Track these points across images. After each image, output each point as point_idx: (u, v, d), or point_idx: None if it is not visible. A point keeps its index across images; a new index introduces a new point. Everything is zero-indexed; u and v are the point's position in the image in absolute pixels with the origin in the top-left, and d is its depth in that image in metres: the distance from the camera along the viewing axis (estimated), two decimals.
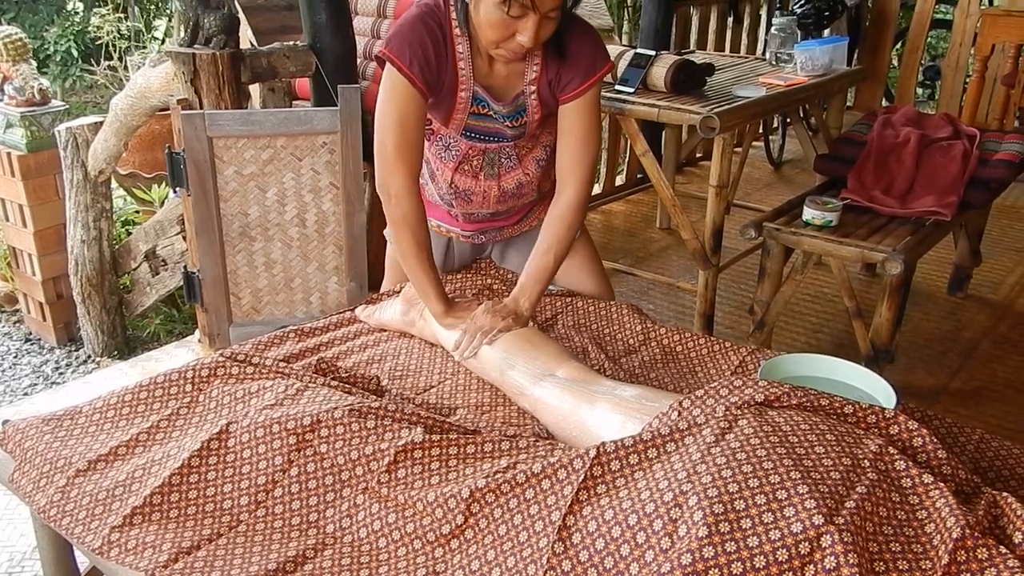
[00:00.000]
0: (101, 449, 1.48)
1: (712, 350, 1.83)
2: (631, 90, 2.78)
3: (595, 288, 2.11)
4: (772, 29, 3.40)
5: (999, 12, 4.81)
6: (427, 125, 1.82)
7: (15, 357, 3.30)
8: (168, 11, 6.05)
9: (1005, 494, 1.12)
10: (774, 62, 3.33)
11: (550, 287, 2.04)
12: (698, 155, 4.90)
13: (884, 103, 5.88)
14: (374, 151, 1.70)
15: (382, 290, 2.17)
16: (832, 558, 0.98)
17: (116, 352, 3.24)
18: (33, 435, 1.54)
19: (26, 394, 3.03)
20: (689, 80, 2.81)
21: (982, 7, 5.30)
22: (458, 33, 1.65)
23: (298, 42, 2.70)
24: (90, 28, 5.29)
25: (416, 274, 1.76)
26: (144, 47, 5.21)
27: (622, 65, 2.85)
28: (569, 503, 1.16)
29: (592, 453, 1.20)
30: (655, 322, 1.96)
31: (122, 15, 4.98)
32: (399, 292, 2.00)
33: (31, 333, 3.46)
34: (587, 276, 2.10)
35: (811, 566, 0.99)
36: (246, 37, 3.11)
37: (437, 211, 2.04)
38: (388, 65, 1.65)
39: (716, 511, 1.03)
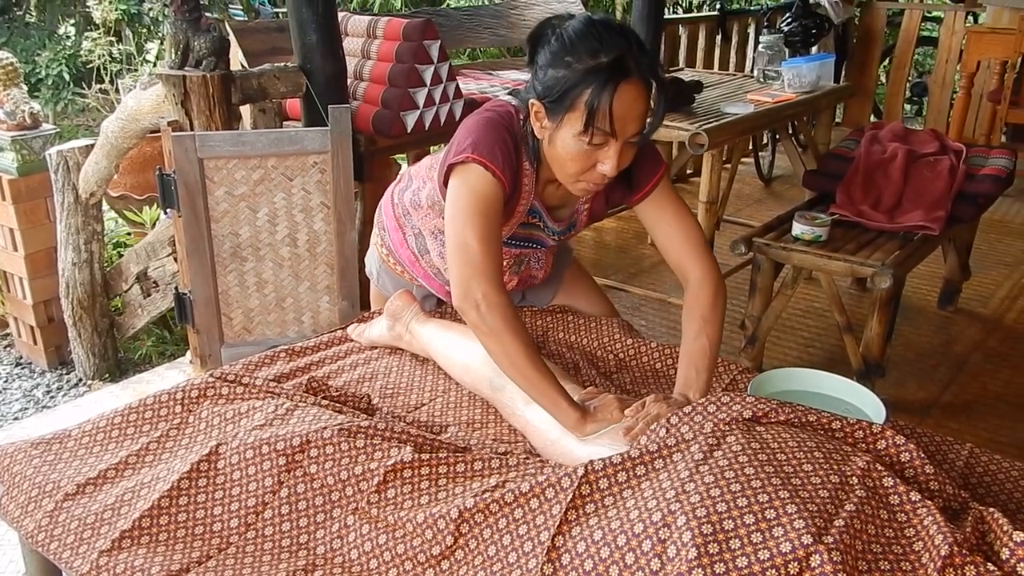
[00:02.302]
0: (90, 472, 1.48)
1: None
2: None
3: (597, 309, 2.09)
4: (760, 47, 3.43)
5: (984, 29, 4.87)
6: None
7: (5, 381, 3.28)
8: (160, 34, 6.08)
9: (992, 510, 1.13)
10: (762, 79, 3.36)
11: (543, 305, 2.06)
12: (688, 171, 4.92)
13: (872, 119, 5.93)
14: (454, 258, 1.49)
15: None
16: None
17: (108, 375, 3.23)
18: (22, 460, 1.53)
19: (16, 418, 3.01)
20: (678, 97, 2.84)
21: (967, 24, 5.36)
22: (527, 166, 1.58)
23: (289, 63, 2.71)
24: (82, 52, 5.31)
25: (537, 384, 1.46)
26: (135, 70, 5.23)
27: None
28: (558, 523, 1.15)
29: (580, 472, 1.20)
30: (645, 338, 1.96)
31: (114, 39, 4.99)
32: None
33: (22, 357, 3.44)
34: (585, 300, 2.08)
35: None
36: (237, 59, 3.12)
37: (432, 283, 1.95)
38: (471, 166, 1.50)
39: (704, 531, 1.03)
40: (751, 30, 5.19)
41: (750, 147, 4.97)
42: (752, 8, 5.66)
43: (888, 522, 1.09)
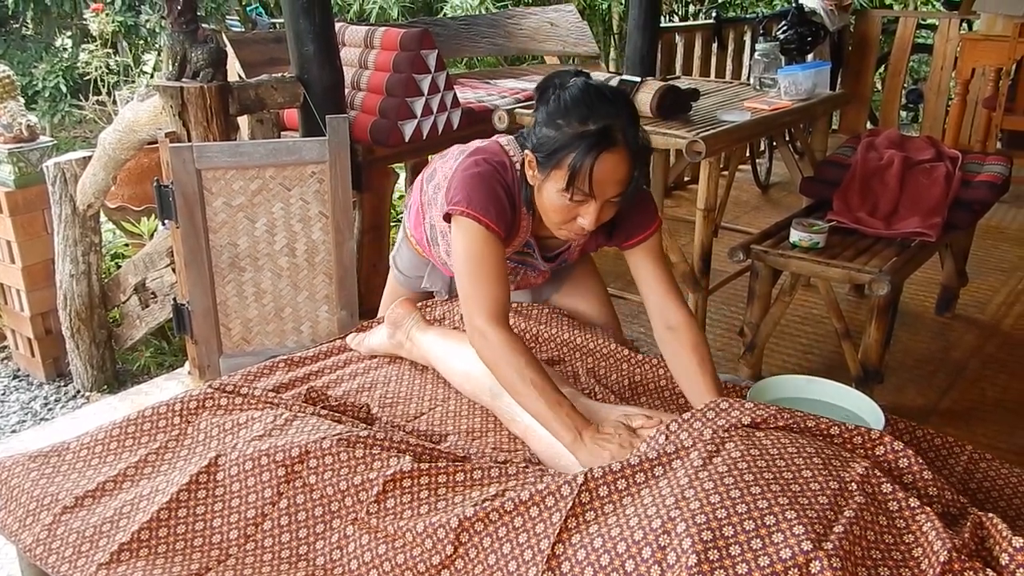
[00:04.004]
0: (88, 485, 1.47)
1: None
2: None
3: (600, 316, 2.11)
4: (756, 55, 3.44)
5: (978, 37, 4.88)
6: None
7: (3, 394, 3.27)
8: (157, 46, 6.09)
9: (991, 515, 1.13)
10: (758, 87, 3.37)
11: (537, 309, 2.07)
12: (686, 179, 4.92)
13: (869, 126, 5.95)
14: (461, 293, 1.64)
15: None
16: None
17: (106, 386, 3.22)
18: (19, 472, 1.53)
19: (14, 431, 3.01)
20: (675, 105, 2.84)
21: (962, 32, 5.38)
22: (524, 211, 1.70)
23: (286, 74, 2.72)
24: (79, 64, 5.31)
25: (535, 404, 1.50)
26: (133, 82, 5.23)
27: None
28: (558, 531, 1.15)
29: (580, 480, 1.20)
30: (639, 351, 1.97)
31: (111, 50, 5.00)
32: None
33: (19, 369, 3.43)
34: (591, 304, 2.11)
35: None
36: (234, 70, 3.13)
37: (444, 269, 2.03)
38: (467, 220, 1.62)
39: (705, 538, 1.03)
40: (747, 38, 5.21)
41: (747, 154, 4.98)
42: (748, 16, 5.69)
43: (887, 528, 1.09)
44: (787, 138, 3.89)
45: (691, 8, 7.28)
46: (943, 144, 3.05)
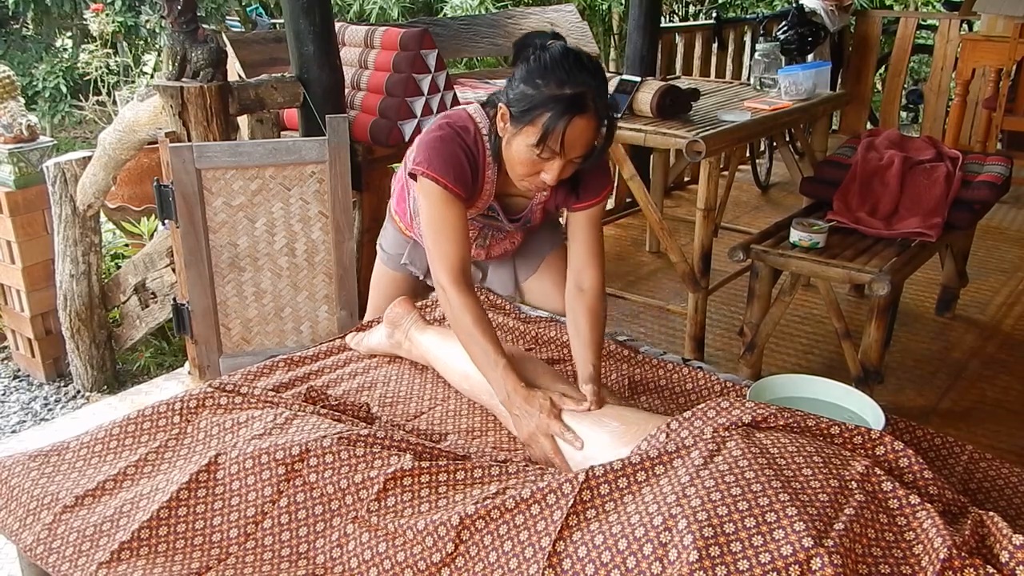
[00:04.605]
0: (88, 484, 1.47)
1: (697, 383, 1.83)
2: (618, 115, 2.80)
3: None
4: (756, 55, 3.44)
5: (978, 37, 4.88)
6: None
7: (3, 394, 3.27)
8: (157, 46, 6.09)
9: (991, 513, 1.13)
10: (758, 87, 3.37)
11: (538, 313, 2.08)
12: (686, 179, 4.93)
13: (869, 126, 5.95)
14: (426, 250, 1.76)
15: (365, 318, 2.21)
16: None
17: (106, 386, 3.22)
18: (19, 472, 1.52)
19: (14, 431, 3.01)
20: (675, 105, 2.84)
21: (962, 32, 5.38)
22: (489, 160, 1.78)
23: (286, 74, 2.72)
24: (79, 64, 5.31)
25: (480, 356, 1.65)
26: (133, 82, 5.23)
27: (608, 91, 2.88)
28: (559, 529, 1.15)
29: (581, 477, 1.20)
30: (638, 351, 1.97)
31: (111, 51, 5.00)
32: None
33: (19, 370, 3.43)
34: (559, 288, 2.14)
35: None
36: (234, 70, 3.13)
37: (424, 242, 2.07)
38: (427, 181, 1.71)
39: (706, 534, 1.03)
40: (747, 38, 5.21)
41: (747, 154, 4.98)
42: (748, 16, 5.68)
43: (888, 526, 1.09)
44: (787, 138, 3.89)
45: (691, 8, 7.28)
46: (943, 144, 3.05)
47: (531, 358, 1.77)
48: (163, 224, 2.67)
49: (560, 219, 2.31)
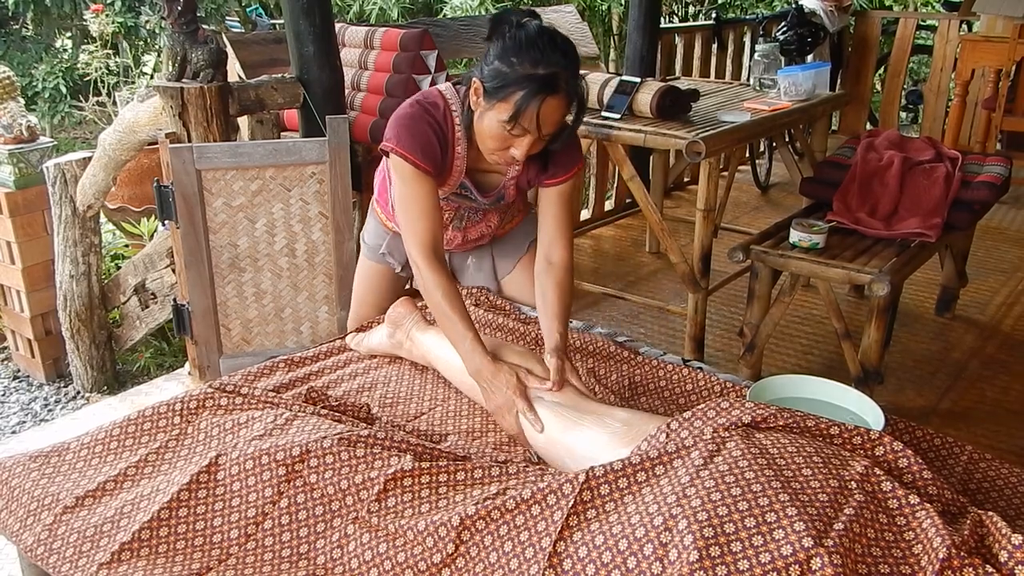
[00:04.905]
0: (89, 485, 1.47)
1: (697, 384, 1.84)
2: (617, 116, 2.81)
3: None
4: (756, 55, 3.44)
5: (978, 38, 4.89)
6: None
7: (3, 395, 3.27)
8: (157, 47, 6.09)
9: (991, 513, 1.13)
10: (758, 87, 3.37)
11: (532, 312, 2.08)
12: (686, 179, 4.93)
13: (868, 127, 5.95)
14: (402, 233, 1.82)
15: (351, 310, 2.26)
16: None
17: (106, 387, 3.22)
18: (20, 472, 1.53)
19: (14, 432, 3.01)
20: (674, 106, 2.84)
21: (961, 33, 5.38)
22: (459, 135, 1.80)
23: (286, 74, 2.72)
24: (79, 65, 5.31)
25: (451, 327, 1.73)
26: (133, 83, 5.24)
27: (608, 92, 2.88)
28: (559, 529, 1.15)
29: (581, 478, 1.20)
30: (638, 352, 1.97)
31: (111, 51, 5.00)
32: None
33: (19, 370, 3.43)
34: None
35: None
36: (234, 70, 3.13)
37: None
38: (396, 158, 1.76)
39: (706, 534, 1.03)
40: (747, 39, 5.21)
41: (747, 155, 4.99)
42: (748, 17, 5.69)
43: (887, 526, 1.09)
44: (787, 139, 3.89)
45: (691, 9, 7.28)
46: (943, 145, 3.05)
47: (504, 343, 1.80)
48: (163, 225, 2.67)
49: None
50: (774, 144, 4.58)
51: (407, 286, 2.31)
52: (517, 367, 1.67)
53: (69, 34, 6.79)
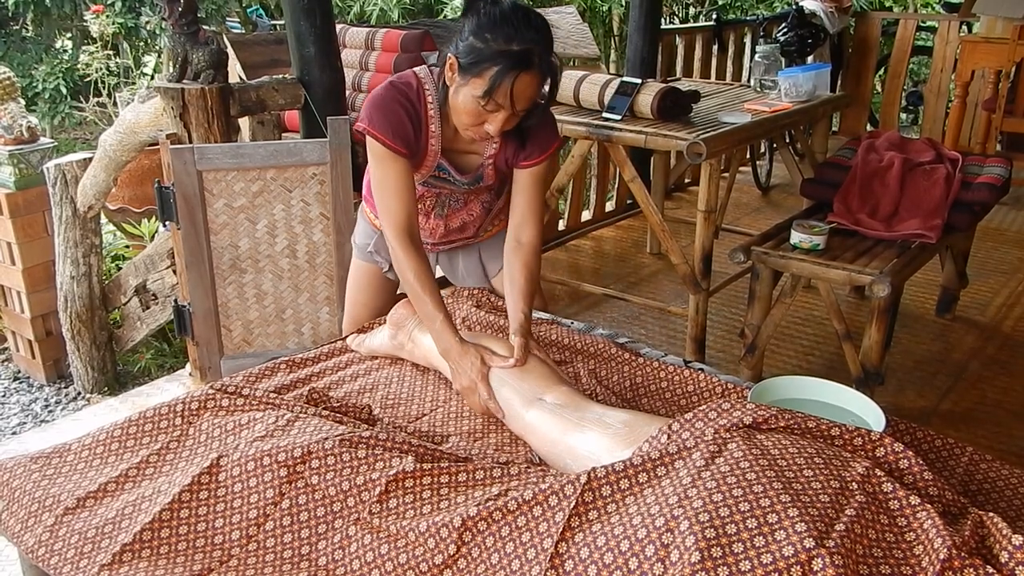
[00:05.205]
0: (90, 486, 1.47)
1: (698, 385, 1.84)
2: (618, 117, 2.81)
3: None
4: (756, 56, 3.44)
5: (978, 39, 4.89)
6: None
7: (3, 396, 3.27)
8: (157, 47, 6.09)
9: (991, 514, 1.13)
10: (759, 88, 3.37)
11: (538, 315, 2.08)
12: (686, 181, 4.93)
13: (869, 128, 5.96)
14: (379, 213, 1.86)
15: (346, 310, 2.26)
16: None
17: (106, 388, 3.22)
18: (21, 474, 1.52)
19: (15, 433, 3.01)
20: (675, 107, 2.84)
21: (961, 34, 5.39)
22: (432, 114, 1.83)
23: (287, 75, 2.72)
24: (79, 65, 5.32)
25: (422, 305, 1.80)
26: (133, 83, 5.24)
27: (609, 93, 2.88)
28: (561, 530, 1.15)
29: (583, 479, 1.20)
30: (639, 354, 1.97)
31: (111, 52, 5.01)
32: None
33: (20, 371, 3.43)
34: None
35: None
36: (235, 71, 3.13)
37: None
38: (370, 139, 1.81)
39: (708, 535, 1.03)
40: (747, 40, 5.22)
41: (748, 156, 4.99)
42: (748, 18, 5.69)
43: (888, 527, 1.09)
44: (787, 140, 3.89)
45: (691, 10, 7.29)
46: (943, 146, 3.05)
47: (529, 359, 1.78)
48: (164, 226, 2.67)
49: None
50: (775, 145, 4.58)
51: (399, 288, 2.32)
52: (484, 349, 1.73)
53: (69, 35, 6.80)
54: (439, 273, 2.32)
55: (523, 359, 1.70)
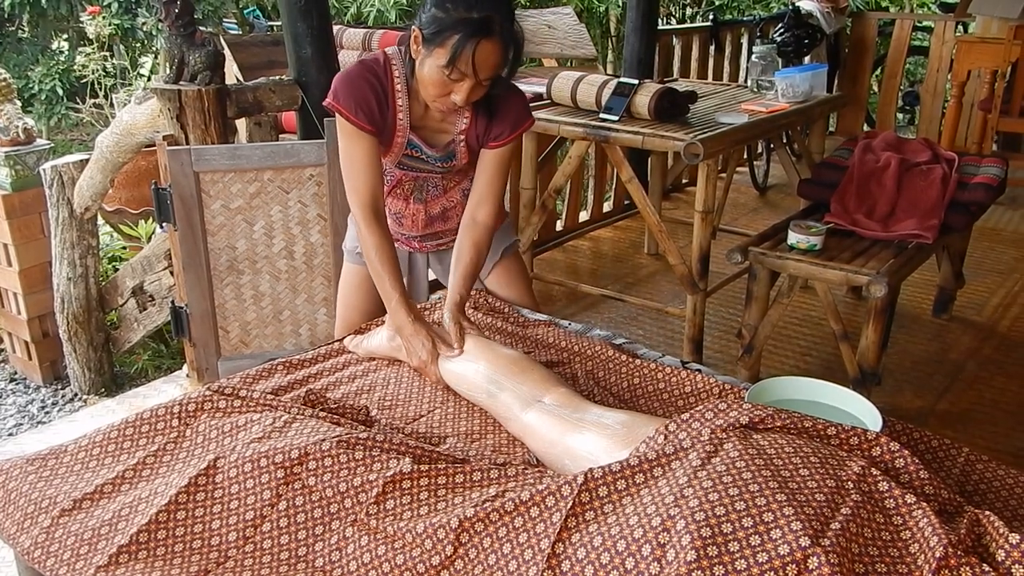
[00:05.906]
0: (87, 488, 1.47)
1: (696, 386, 1.83)
2: (615, 118, 2.81)
3: (521, 301, 2.25)
4: (753, 57, 3.45)
5: (974, 39, 4.90)
6: None
7: (0, 397, 3.27)
8: (154, 49, 6.08)
9: (987, 512, 1.13)
10: (756, 89, 3.38)
11: (536, 317, 2.08)
12: (684, 181, 4.94)
13: (865, 128, 5.97)
14: (346, 186, 1.90)
15: (337, 313, 2.26)
16: None
17: (103, 389, 3.22)
18: (17, 475, 1.52)
19: (11, 434, 3.00)
20: (672, 107, 2.85)
21: (957, 34, 5.40)
22: (399, 88, 1.86)
23: (284, 76, 2.72)
24: (75, 67, 5.31)
25: (381, 279, 1.86)
26: (130, 85, 5.23)
27: (606, 94, 2.88)
28: (558, 531, 1.15)
29: (580, 479, 1.20)
30: (636, 355, 1.97)
31: (107, 53, 5.00)
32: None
33: (16, 372, 3.43)
34: (513, 291, 2.24)
35: None
36: (232, 72, 3.13)
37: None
38: (337, 115, 1.84)
39: (704, 535, 1.03)
40: (744, 40, 5.22)
41: (745, 157, 4.99)
42: (745, 19, 5.70)
43: (884, 525, 1.10)
44: (784, 140, 3.90)
45: (688, 11, 7.29)
46: (939, 146, 3.06)
47: (527, 360, 1.78)
48: (161, 227, 2.67)
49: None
50: (772, 146, 4.59)
51: None
52: (436, 332, 1.81)
53: (66, 36, 6.78)
54: (432, 276, 2.32)
55: (460, 343, 1.77)
